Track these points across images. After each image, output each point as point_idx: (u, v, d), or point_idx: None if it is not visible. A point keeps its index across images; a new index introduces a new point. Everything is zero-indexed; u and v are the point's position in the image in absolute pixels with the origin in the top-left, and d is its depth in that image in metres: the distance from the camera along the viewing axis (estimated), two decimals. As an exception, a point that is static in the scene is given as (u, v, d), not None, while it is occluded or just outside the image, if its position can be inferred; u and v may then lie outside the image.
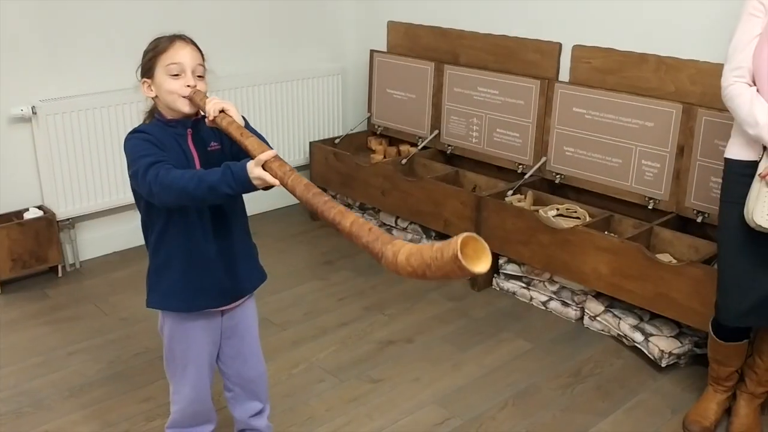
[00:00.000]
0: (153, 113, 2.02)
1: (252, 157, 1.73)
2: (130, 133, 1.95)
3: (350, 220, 1.53)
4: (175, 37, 1.96)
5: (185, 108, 1.93)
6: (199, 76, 1.95)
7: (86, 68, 3.67)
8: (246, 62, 4.25)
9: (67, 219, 3.70)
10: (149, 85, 1.96)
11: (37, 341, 3.13)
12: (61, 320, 3.30)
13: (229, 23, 4.12)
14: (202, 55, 1.99)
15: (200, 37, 2.04)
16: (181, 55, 1.93)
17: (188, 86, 1.92)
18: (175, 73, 1.92)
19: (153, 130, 1.95)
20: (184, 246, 1.99)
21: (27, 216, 3.55)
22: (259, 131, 1.91)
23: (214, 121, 1.87)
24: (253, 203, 4.60)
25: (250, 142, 1.79)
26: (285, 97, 4.39)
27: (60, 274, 3.68)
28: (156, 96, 1.96)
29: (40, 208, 3.63)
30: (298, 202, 5.22)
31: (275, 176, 1.69)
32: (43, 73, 3.55)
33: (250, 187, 1.74)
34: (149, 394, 2.77)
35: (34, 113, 3.49)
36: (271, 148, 1.75)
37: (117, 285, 3.62)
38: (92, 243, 3.87)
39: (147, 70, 1.96)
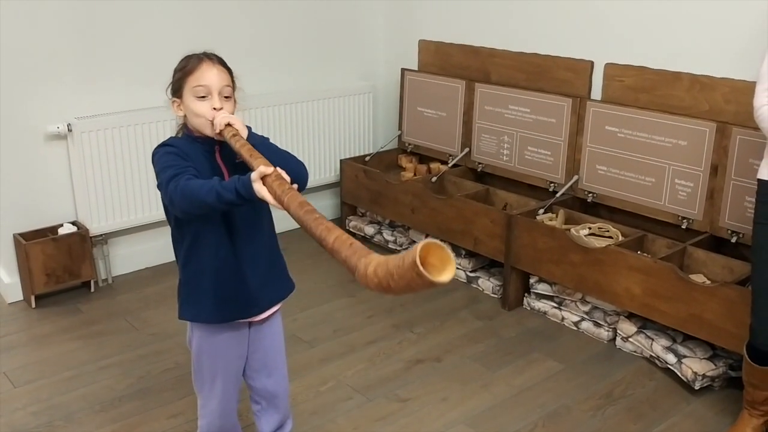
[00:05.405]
0: (185, 126, 2.03)
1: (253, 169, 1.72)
2: (158, 146, 1.97)
3: (334, 235, 1.46)
4: (203, 56, 1.96)
5: (209, 131, 1.93)
6: (226, 97, 1.95)
7: (120, 86, 3.72)
8: (278, 81, 4.28)
9: (100, 235, 3.75)
10: (179, 105, 1.98)
11: (69, 355, 3.16)
12: (92, 335, 3.33)
13: (261, 43, 4.17)
14: (231, 74, 2.00)
15: (232, 57, 2.05)
16: (207, 77, 1.93)
17: (214, 108, 1.92)
18: (202, 95, 1.92)
19: (180, 144, 1.96)
20: (213, 258, 1.99)
21: (61, 231, 3.60)
22: (288, 149, 1.91)
23: (220, 134, 1.88)
24: (283, 221, 4.64)
25: (250, 156, 1.78)
26: (316, 115, 4.42)
27: (93, 289, 3.73)
28: (185, 115, 1.98)
29: (74, 224, 3.69)
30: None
31: (272, 193, 1.66)
32: (78, 91, 3.61)
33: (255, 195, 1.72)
34: (178, 410, 2.78)
35: (70, 130, 3.55)
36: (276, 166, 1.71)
37: (148, 300, 3.65)
38: (124, 259, 3.92)
39: (176, 90, 1.98)
